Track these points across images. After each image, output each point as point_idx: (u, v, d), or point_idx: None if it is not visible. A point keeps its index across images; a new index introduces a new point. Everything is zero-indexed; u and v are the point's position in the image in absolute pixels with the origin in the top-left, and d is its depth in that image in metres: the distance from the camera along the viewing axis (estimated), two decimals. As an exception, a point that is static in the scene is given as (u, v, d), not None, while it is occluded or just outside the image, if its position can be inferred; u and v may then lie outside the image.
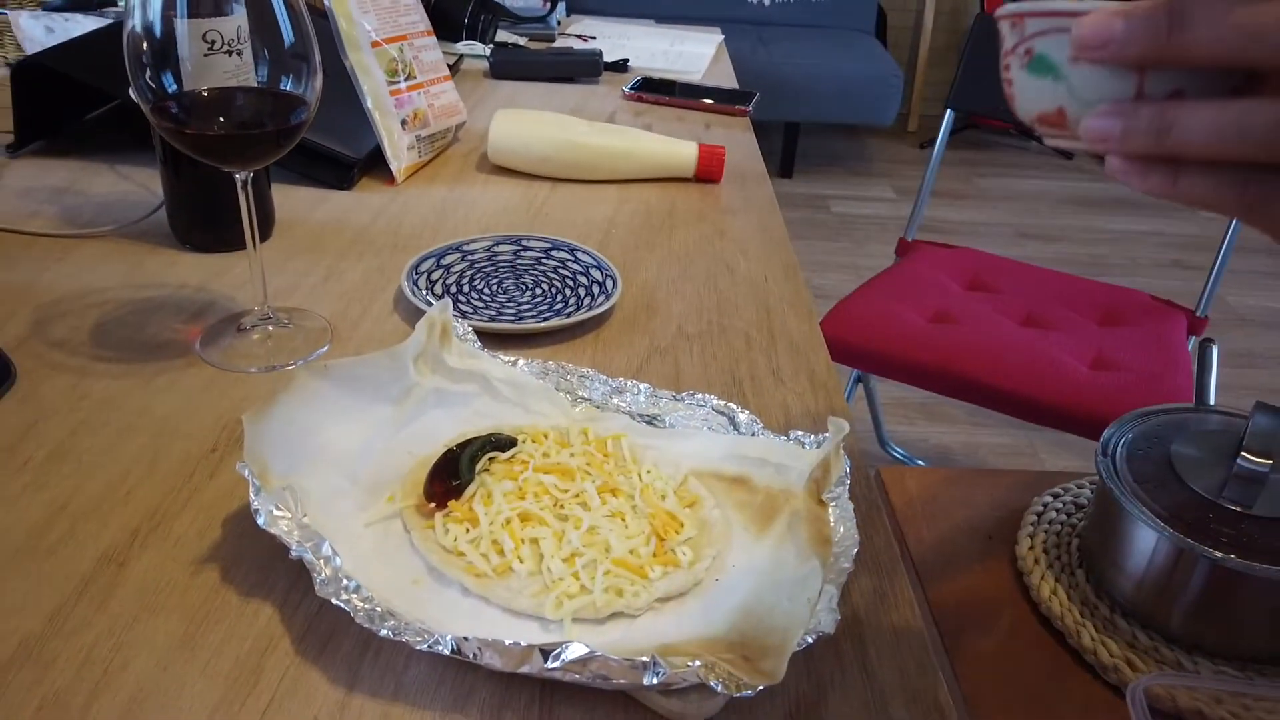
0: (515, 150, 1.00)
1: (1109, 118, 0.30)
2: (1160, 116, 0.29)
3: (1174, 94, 0.30)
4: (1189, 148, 0.29)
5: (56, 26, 1.15)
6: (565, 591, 0.46)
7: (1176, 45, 0.28)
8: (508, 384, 0.60)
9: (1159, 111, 0.29)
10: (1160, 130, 0.29)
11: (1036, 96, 0.33)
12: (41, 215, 0.84)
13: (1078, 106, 0.32)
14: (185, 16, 0.57)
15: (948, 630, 0.71)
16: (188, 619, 0.45)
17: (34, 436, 0.56)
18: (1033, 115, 0.34)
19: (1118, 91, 0.31)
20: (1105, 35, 0.29)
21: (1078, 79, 0.32)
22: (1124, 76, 0.31)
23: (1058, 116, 0.33)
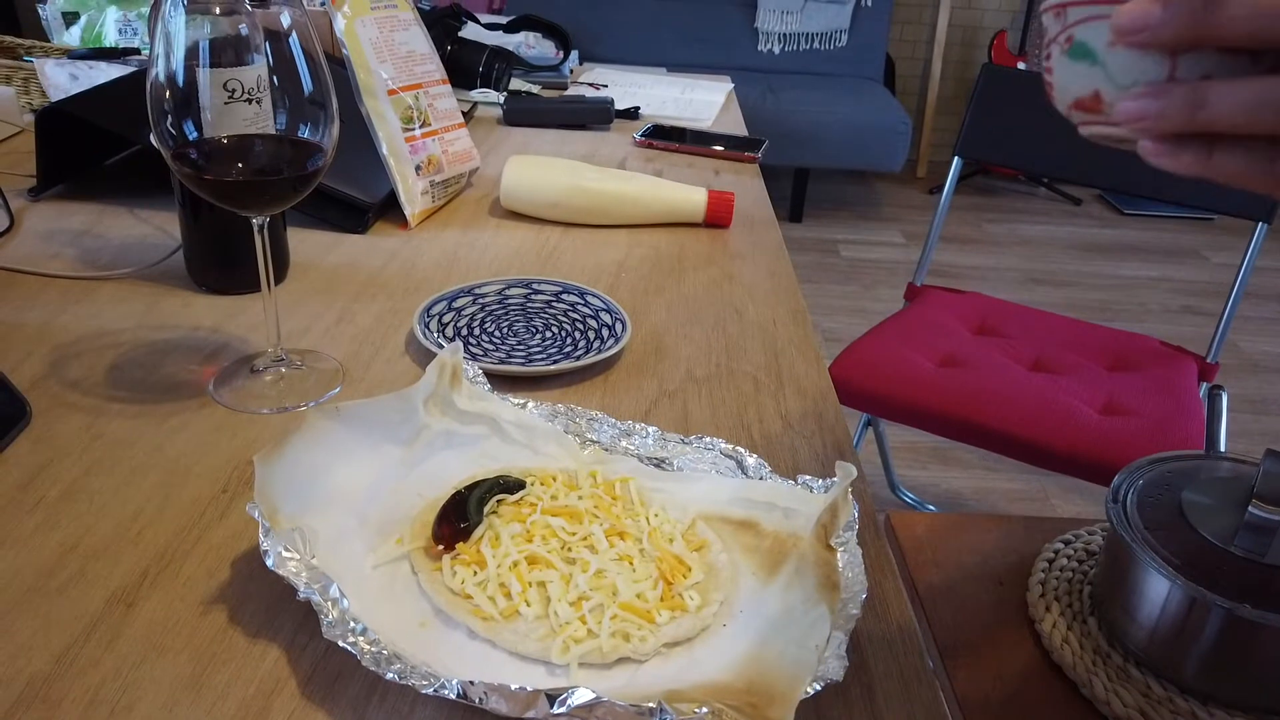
0: (527, 195, 1.02)
1: (1144, 99, 0.32)
2: (1193, 93, 0.31)
3: (1204, 78, 0.31)
4: (1220, 122, 0.30)
5: (81, 74, 1.18)
6: (572, 635, 0.46)
7: (1211, 26, 0.29)
8: (517, 426, 0.60)
9: (1192, 90, 0.31)
10: (1194, 105, 0.31)
11: (1075, 82, 0.35)
12: (61, 257, 0.86)
13: (1114, 90, 0.34)
14: (207, 66, 0.58)
15: (958, 677, 0.71)
16: (195, 660, 0.45)
17: (47, 476, 0.57)
18: (1070, 101, 0.36)
19: (1152, 74, 0.32)
20: (1143, 20, 0.31)
21: (1114, 63, 0.34)
22: (1158, 60, 0.32)
23: (1094, 101, 0.35)
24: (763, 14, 3.78)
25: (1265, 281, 3.24)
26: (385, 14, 0.98)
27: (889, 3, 3.82)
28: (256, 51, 0.59)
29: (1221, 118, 0.31)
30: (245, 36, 0.59)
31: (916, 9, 4.11)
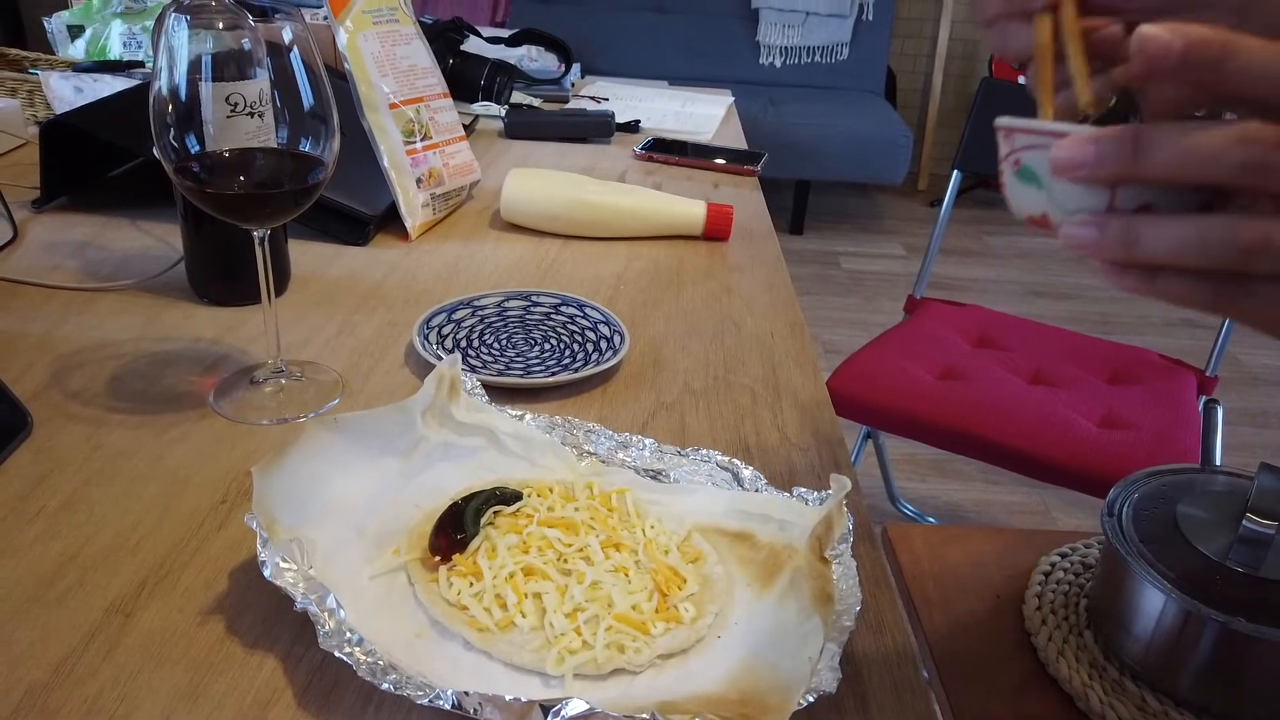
0: (527, 208, 1.02)
1: (1084, 228, 0.33)
2: (1128, 229, 0.32)
3: (1143, 207, 0.32)
4: (1154, 257, 0.32)
5: (85, 87, 1.19)
6: (567, 647, 0.46)
7: (1140, 167, 0.31)
8: (514, 438, 0.61)
9: (1127, 225, 0.32)
10: (1128, 242, 0.32)
11: (1025, 201, 0.36)
12: (64, 268, 0.86)
13: (1059, 214, 0.35)
14: (210, 80, 0.59)
15: (953, 689, 0.71)
16: (192, 670, 0.45)
17: (48, 486, 0.57)
18: (1023, 215, 0.37)
19: (1092, 204, 0.33)
20: (1079, 159, 0.32)
21: (1058, 190, 0.35)
22: (1098, 191, 0.33)
23: (1043, 220, 0.36)
24: (764, 27, 3.80)
25: (1266, 295, 3.23)
26: (387, 28, 0.99)
27: (890, 16, 3.84)
28: (259, 65, 0.60)
29: (1154, 254, 0.32)
30: (248, 51, 0.60)
31: (917, 23, 4.13)
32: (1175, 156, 0.30)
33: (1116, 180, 0.32)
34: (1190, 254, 0.31)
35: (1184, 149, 0.30)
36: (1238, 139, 0.30)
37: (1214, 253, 0.31)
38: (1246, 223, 0.31)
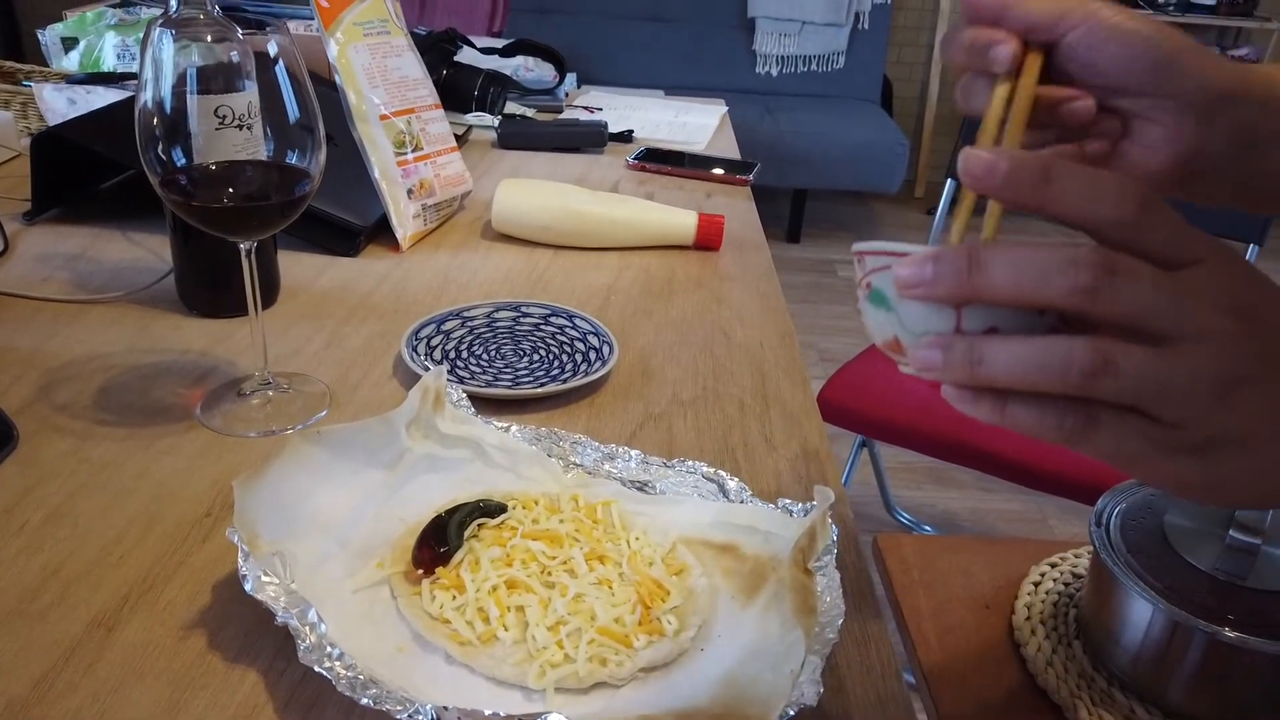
0: (518, 219, 1.02)
1: (930, 349, 0.33)
2: (972, 350, 0.32)
3: (990, 329, 0.32)
4: (998, 380, 0.32)
5: (79, 99, 1.19)
6: (549, 660, 0.46)
7: (976, 287, 0.31)
8: (500, 450, 0.61)
9: (970, 346, 0.32)
10: (973, 362, 0.32)
11: (877, 326, 0.36)
12: (54, 280, 0.87)
13: (908, 337, 0.35)
14: (196, 93, 0.59)
15: (943, 700, 0.70)
16: (173, 685, 0.45)
17: (32, 499, 0.57)
18: (878, 342, 0.37)
19: (939, 325, 0.33)
20: (917, 277, 0.32)
21: (906, 312, 0.34)
22: (944, 312, 0.33)
23: (896, 345, 0.36)
24: (760, 36, 3.81)
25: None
26: (378, 40, 0.99)
27: (886, 25, 3.85)
28: (247, 78, 0.60)
29: (998, 377, 0.32)
30: (236, 63, 0.60)
31: (914, 31, 4.14)
32: (1008, 278, 0.31)
33: (954, 299, 0.32)
34: (1032, 375, 0.31)
35: (1016, 271, 0.31)
36: (1067, 263, 0.30)
37: (1055, 375, 0.31)
38: (1085, 345, 0.31)
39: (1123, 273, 0.30)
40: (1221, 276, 0.31)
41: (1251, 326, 0.31)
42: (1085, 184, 0.31)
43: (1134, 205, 0.31)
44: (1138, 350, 0.31)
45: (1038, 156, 0.31)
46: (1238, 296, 0.31)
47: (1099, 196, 0.31)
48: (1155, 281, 0.31)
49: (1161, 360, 0.31)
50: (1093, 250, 0.31)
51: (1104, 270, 0.30)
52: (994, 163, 0.31)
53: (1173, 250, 0.31)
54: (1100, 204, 0.31)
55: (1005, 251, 0.31)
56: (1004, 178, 0.31)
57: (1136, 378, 0.31)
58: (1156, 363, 0.31)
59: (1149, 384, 0.31)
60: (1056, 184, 0.31)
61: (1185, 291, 0.31)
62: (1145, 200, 0.31)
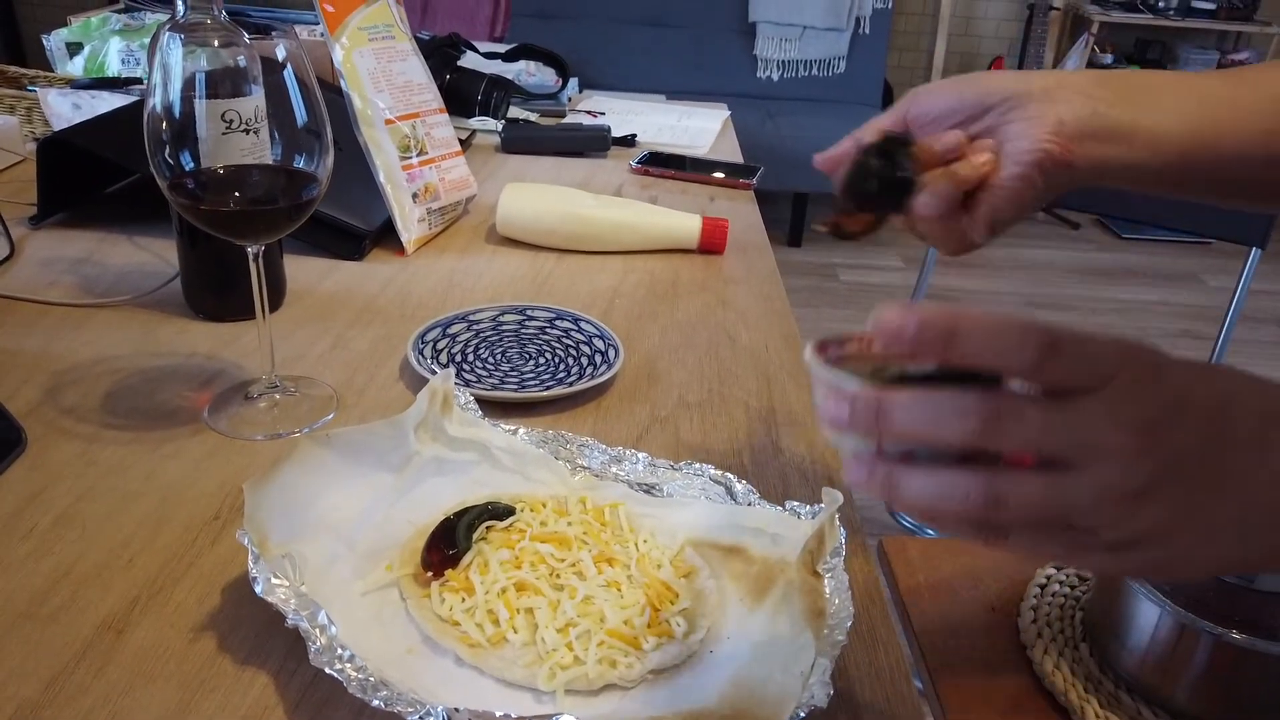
0: (523, 222, 1.03)
1: (859, 468, 0.37)
2: (889, 476, 0.36)
3: (907, 453, 0.36)
4: (912, 505, 0.36)
5: (83, 103, 1.20)
6: (559, 662, 0.46)
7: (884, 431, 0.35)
8: (507, 453, 0.61)
9: (888, 473, 0.36)
10: (889, 486, 0.36)
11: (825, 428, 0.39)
12: (60, 284, 0.87)
13: (844, 448, 0.38)
14: (204, 97, 0.59)
15: (949, 703, 0.71)
16: (183, 687, 0.45)
17: (41, 503, 0.57)
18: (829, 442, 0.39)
19: (862, 445, 0.37)
20: (835, 417, 0.36)
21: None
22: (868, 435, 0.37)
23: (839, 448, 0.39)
24: (762, 41, 3.81)
25: (1262, 305, 3.24)
26: (383, 45, 0.99)
27: (886, 30, 3.85)
28: (254, 82, 0.60)
29: (911, 505, 0.35)
30: (243, 67, 0.60)
31: (914, 36, 4.15)
32: (908, 425, 0.34)
33: (870, 437, 0.36)
34: (937, 505, 0.35)
35: (914, 420, 0.34)
36: (957, 413, 0.34)
37: (956, 505, 0.34)
38: (979, 482, 0.34)
39: (1008, 416, 0.33)
40: (1124, 395, 0.33)
41: (1151, 438, 0.33)
42: (986, 340, 0.33)
43: (1032, 353, 0.33)
44: (1031, 480, 0.34)
45: (941, 317, 0.34)
46: (1139, 411, 0.33)
47: (1000, 350, 0.33)
48: (1044, 417, 0.33)
49: (1062, 483, 0.34)
50: (980, 399, 0.33)
51: (991, 417, 0.33)
52: (902, 326, 0.34)
53: (1077, 380, 0.33)
54: (1002, 357, 0.33)
55: (907, 401, 0.34)
56: (912, 340, 0.34)
57: (1033, 505, 0.34)
58: (1055, 487, 0.34)
59: (1050, 507, 0.34)
60: (960, 342, 0.33)
61: (1080, 418, 0.33)
62: (1043, 346, 0.33)
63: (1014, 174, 0.51)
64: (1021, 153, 0.51)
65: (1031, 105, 0.50)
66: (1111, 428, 0.33)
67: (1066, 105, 0.50)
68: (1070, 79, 0.51)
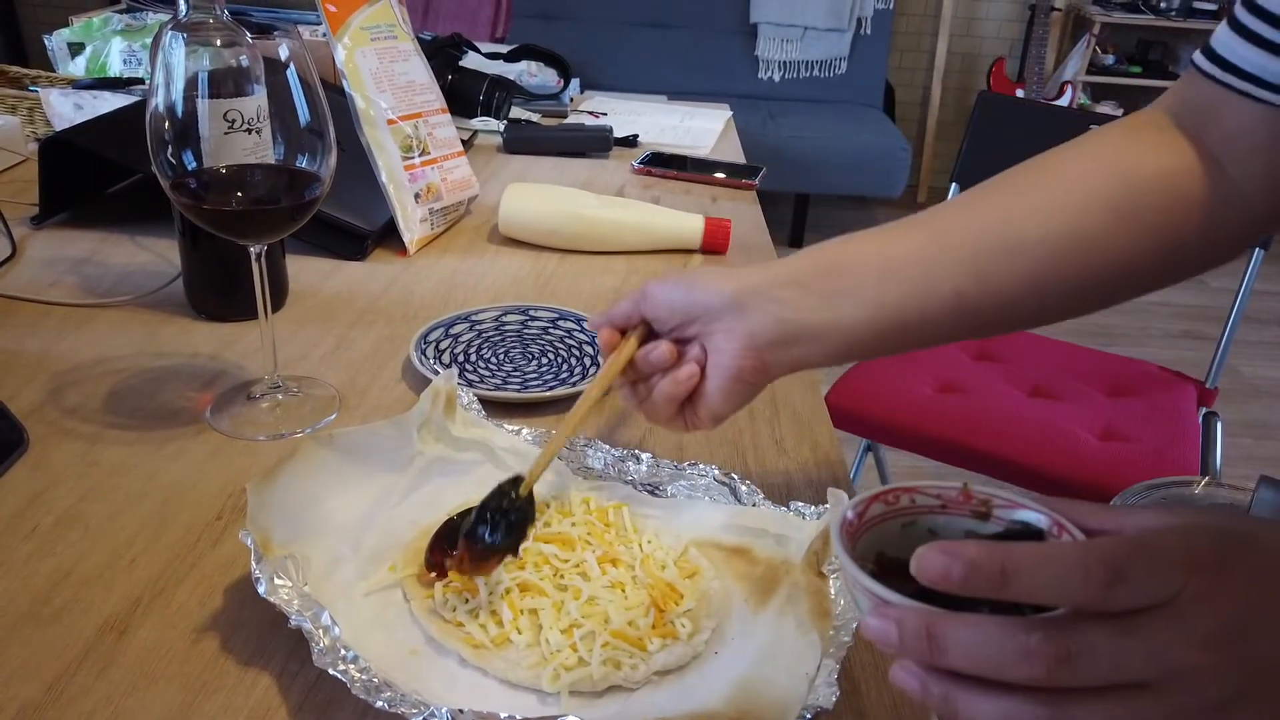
0: (525, 223, 1.02)
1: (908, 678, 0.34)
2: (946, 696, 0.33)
3: None
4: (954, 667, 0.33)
5: (85, 104, 1.20)
6: (563, 663, 0.46)
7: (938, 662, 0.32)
8: (511, 453, 0.61)
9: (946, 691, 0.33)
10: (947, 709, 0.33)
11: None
12: (62, 284, 0.87)
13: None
14: (206, 97, 0.59)
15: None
16: (185, 688, 0.45)
17: (43, 503, 0.57)
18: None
19: None
20: (885, 638, 0.33)
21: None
22: None
23: None
24: (763, 42, 3.81)
25: (1265, 306, 3.24)
26: (385, 45, 0.99)
27: (888, 31, 3.85)
28: (257, 82, 0.60)
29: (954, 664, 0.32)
30: (246, 67, 0.60)
31: (915, 37, 4.15)
32: (965, 663, 0.32)
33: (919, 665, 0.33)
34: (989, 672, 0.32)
35: (971, 660, 0.32)
36: (1021, 656, 0.31)
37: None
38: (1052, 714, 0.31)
39: (1078, 657, 0.31)
40: (1192, 609, 0.31)
41: (1231, 654, 0.32)
42: (1044, 577, 0.31)
43: (1097, 588, 0.31)
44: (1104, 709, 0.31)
45: (992, 557, 0.32)
46: (1213, 623, 0.31)
47: (1060, 587, 0.31)
48: (1116, 645, 0.31)
49: (1140, 707, 0.31)
50: (1044, 638, 0.31)
51: (1058, 661, 0.31)
52: (948, 568, 0.32)
53: (1145, 601, 0.31)
54: (1063, 593, 0.31)
55: (961, 634, 0.32)
56: (960, 582, 0.32)
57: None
58: (1133, 713, 0.31)
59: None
60: (1016, 582, 0.31)
61: (1153, 639, 0.31)
62: (1106, 577, 0.31)
63: (717, 386, 0.53)
64: (720, 366, 0.53)
65: (726, 318, 0.53)
66: (1186, 647, 0.31)
67: (756, 317, 0.52)
68: (762, 285, 0.52)
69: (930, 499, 0.39)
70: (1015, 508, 0.38)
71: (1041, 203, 0.53)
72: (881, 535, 0.38)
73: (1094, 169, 0.54)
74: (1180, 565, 0.32)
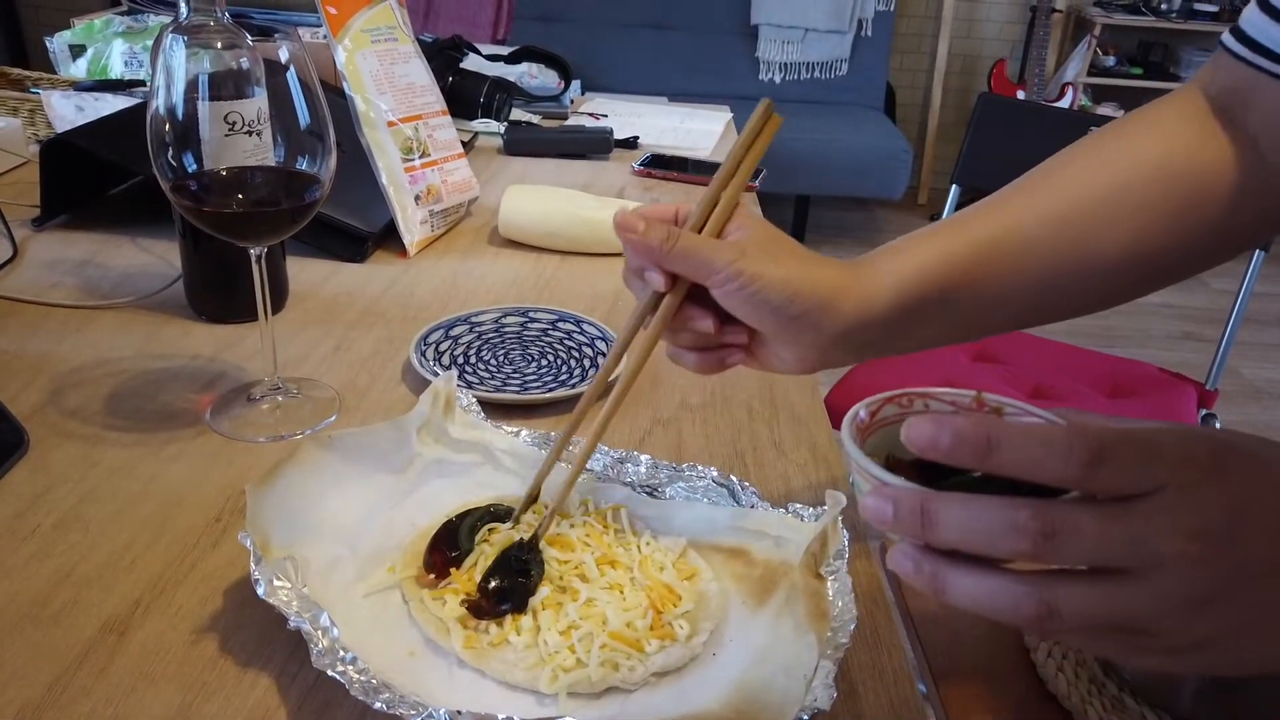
0: (525, 224, 1.03)
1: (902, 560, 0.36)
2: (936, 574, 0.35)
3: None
4: (958, 605, 0.35)
5: (86, 106, 1.20)
6: (561, 665, 0.46)
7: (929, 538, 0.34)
8: (510, 454, 0.61)
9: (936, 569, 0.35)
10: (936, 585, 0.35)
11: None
12: (63, 286, 0.87)
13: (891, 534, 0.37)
14: (207, 99, 0.59)
15: (952, 706, 0.70)
16: (185, 689, 0.45)
17: (43, 504, 0.57)
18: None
19: None
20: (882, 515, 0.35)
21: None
22: None
23: None
24: (764, 44, 3.81)
25: (1266, 307, 3.24)
26: (385, 47, 0.99)
27: (889, 32, 3.85)
28: (257, 84, 0.60)
29: (959, 604, 0.35)
30: (246, 69, 0.60)
31: (916, 38, 4.15)
32: (957, 536, 0.33)
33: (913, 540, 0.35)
34: (991, 609, 0.34)
35: (964, 532, 0.33)
36: (1009, 529, 0.32)
37: (1009, 612, 0.33)
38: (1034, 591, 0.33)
39: (1063, 534, 0.32)
40: (1181, 500, 0.32)
41: (1215, 546, 0.32)
42: (1028, 451, 0.32)
43: (1079, 465, 0.32)
44: (1086, 589, 0.33)
45: (978, 427, 0.33)
46: (1199, 517, 0.32)
47: (1043, 462, 0.32)
48: (1101, 528, 0.32)
49: (1119, 593, 0.33)
50: (1032, 515, 0.32)
51: (1043, 536, 0.32)
52: (935, 439, 0.33)
53: (1130, 486, 0.32)
54: (1046, 468, 0.32)
55: (954, 510, 0.33)
56: (947, 451, 0.33)
57: (1088, 615, 0.33)
58: (1112, 597, 0.33)
59: (1107, 617, 0.33)
60: (1000, 454, 0.33)
61: (1138, 525, 0.32)
62: (1089, 456, 0.32)
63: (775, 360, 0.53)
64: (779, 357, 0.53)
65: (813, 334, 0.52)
66: (1171, 536, 0.32)
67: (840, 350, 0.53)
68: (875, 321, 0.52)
69: (944, 405, 0.40)
70: (1026, 416, 0.39)
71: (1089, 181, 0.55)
72: (891, 437, 0.38)
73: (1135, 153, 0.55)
74: (1171, 459, 0.32)
